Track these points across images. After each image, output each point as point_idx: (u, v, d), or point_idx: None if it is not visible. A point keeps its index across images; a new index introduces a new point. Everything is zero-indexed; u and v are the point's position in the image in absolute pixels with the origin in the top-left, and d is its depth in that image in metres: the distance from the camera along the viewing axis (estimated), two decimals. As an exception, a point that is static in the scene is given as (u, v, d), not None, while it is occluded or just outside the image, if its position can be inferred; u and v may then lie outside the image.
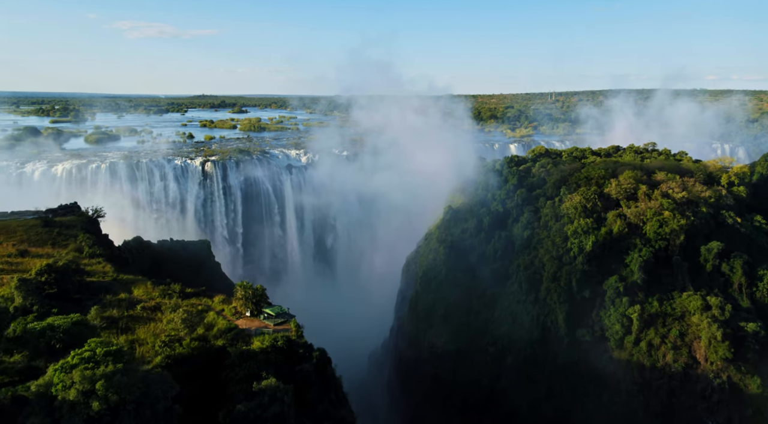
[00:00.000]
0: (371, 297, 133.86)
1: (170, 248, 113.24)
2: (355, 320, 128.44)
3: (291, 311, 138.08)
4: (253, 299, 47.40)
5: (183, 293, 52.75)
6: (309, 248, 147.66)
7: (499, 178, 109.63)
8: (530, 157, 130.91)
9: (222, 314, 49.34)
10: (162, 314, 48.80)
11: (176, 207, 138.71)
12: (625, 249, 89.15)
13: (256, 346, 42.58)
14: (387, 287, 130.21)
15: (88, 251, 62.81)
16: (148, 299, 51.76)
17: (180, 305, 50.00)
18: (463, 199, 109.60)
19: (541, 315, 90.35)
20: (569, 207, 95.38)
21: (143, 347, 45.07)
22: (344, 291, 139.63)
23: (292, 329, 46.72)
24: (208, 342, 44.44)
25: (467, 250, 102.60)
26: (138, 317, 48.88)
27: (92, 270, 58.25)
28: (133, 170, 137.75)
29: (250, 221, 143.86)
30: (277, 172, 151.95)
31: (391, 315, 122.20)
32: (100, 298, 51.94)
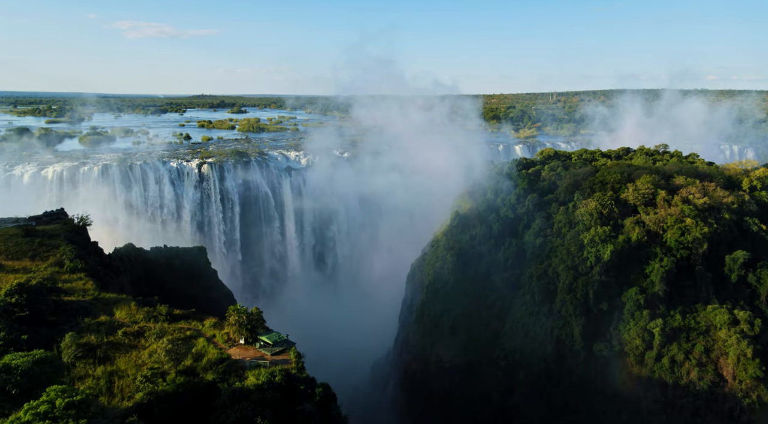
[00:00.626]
0: (374, 304, 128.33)
1: (164, 255, 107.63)
2: (358, 328, 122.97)
3: (291, 319, 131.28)
4: (248, 324, 41.77)
5: (170, 316, 47.08)
6: (309, 254, 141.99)
7: (508, 182, 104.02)
8: (539, 159, 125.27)
9: (213, 341, 43.70)
10: (146, 340, 43.13)
11: (172, 211, 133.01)
12: (645, 258, 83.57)
13: (251, 382, 36.96)
14: (390, 294, 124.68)
15: (69, 265, 57.13)
16: (130, 323, 46.11)
17: (166, 330, 44.35)
18: (470, 204, 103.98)
19: (555, 328, 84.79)
20: (584, 213, 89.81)
21: (123, 381, 39.51)
22: (346, 298, 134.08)
23: (292, 359, 41.10)
24: (197, 376, 38.80)
25: (476, 258, 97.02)
26: (119, 343, 43.26)
27: (71, 288, 52.57)
28: (126, 173, 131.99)
29: (249, 226, 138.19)
30: (276, 174, 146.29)
31: (395, 324, 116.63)
32: (78, 321, 46.32)
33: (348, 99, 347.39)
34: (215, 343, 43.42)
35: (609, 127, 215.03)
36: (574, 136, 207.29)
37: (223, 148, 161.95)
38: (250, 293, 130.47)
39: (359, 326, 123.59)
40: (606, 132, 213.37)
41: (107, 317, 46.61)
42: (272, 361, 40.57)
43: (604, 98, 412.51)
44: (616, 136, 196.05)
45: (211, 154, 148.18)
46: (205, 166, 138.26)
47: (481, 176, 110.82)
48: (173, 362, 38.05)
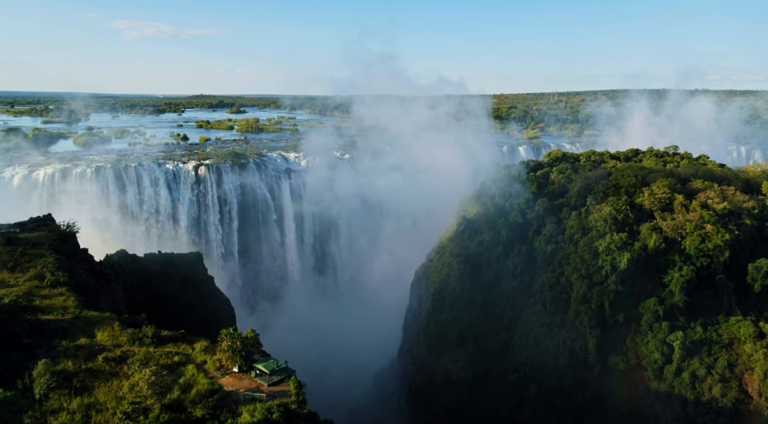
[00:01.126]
0: (376, 311, 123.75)
1: (159, 261, 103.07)
2: (360, 336, 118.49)
3: (291, 326, 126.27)
4: (242, 350, 37.14)
5: (157, 338, 42.46)
6: (309, 258, 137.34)
7: (517, 185, 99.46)
8: (547, 161, 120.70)
9: (204, 368, 39.10)
10: (129, 367, 38.50)
11: (167, 215, 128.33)
12: (663, 267, 79.07)
13: (245, 420, 32.39)
14: (393, 301, 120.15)
15: (50, 278, 52.49)
16: (113, 346, 41.52)
17: (152, 355, 39.76)
18: (478, 208, 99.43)
19: (568, 340, 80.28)
20: (598, 219, 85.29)
21: (101, 415, 34.93)
22: (347, 303, 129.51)
23: (292, 391, 36.48)
24: (184, 411, 34.23)
25: (484, 265, 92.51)
26: (98, 371, 38.69)
27: (50, 305, 47.94)
28: (121, 175, 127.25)
29: (247, 230, 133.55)
30: (275, 176, 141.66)
31: (398, 332, 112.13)
32: (55, 344, 41.72)
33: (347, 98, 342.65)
34: (206, 370, 38.82)
35: (614, 127, 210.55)
36: (579, 137, 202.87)
37: (221, 150, 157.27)
38: (248, 300, 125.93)
39: (361, 334, 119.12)
40: (610, 133, 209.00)
41: (87, 340, 42.01)
42: (269, 393, 35.97)
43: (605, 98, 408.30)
44: (621, 137, 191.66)
45: (208, 156, 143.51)
46: (202, 168, 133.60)
47: (489, 179, 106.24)
48: (157, 396, 33.43)
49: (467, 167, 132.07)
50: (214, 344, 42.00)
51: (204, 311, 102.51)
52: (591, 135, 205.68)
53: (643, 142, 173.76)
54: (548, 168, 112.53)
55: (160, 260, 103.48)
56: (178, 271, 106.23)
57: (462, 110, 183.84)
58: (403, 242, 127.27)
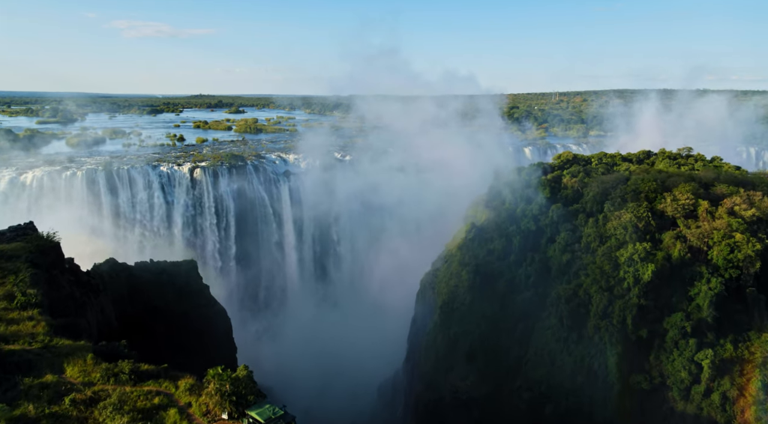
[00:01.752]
0: (380, 319, 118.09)
1: (151, 270, 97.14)
2: (362, 345, 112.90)
3: (290, 335, 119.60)
4: (232, 395, 31.25)
5: (135, 374, 36.52)
6: (309, 264, 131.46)
7: (529, 190, 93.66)
8: (557, 164, 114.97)
9: (188, 413, 33.20)
10: (100, 412, 32.64)
11: (161, 220, 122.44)
12: (689, 279, 73.29)
13: (234, 486, 26.50)
14: (397, 308, 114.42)
15: (20, 299, 46.64)
16: (83, 384, 35.62)
17: (128, 396, 33.95)
18: (487, 214, 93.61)
19: (586, 357, 74.53)
20: (617, 227, 79.50)
21: (64, 475, 29.10)
22: (349, 312, 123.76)
23: (291, 445, 30.53)
24: (162, 471, 28.33)
25: (495, 275, 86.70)
26: (65, 416, 32.83)
27: (17, 331, 42.09)
28: (113, 178, 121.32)
29: (244, 235, 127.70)
30: (274, 179, 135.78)
31: (403, 342, 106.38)
32: (17, 381, 35.82)
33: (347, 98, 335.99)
34: (190, 416, 32.95)
35: (620, 128, 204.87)
36: (585, 137, 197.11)
37: (218, 151, 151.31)
38: (246, 308, 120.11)
39: (363, 343, 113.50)
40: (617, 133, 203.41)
41: (54, 377, 36.15)
42: (264, 447, 30.08)
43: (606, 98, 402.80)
44: (628, 137, 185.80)
45: (204, 158, 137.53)
46: (198, 170, 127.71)
47: (499, 183, 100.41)
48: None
49: (475, 170, 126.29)
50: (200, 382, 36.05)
51: (199, 322, 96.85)
52: (597, 136, 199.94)
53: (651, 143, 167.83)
54: (559, 171, 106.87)
55: (152, 268, 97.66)
56: (171, 280, 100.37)
57: (471, 109, 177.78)
58: (406, 248, 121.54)
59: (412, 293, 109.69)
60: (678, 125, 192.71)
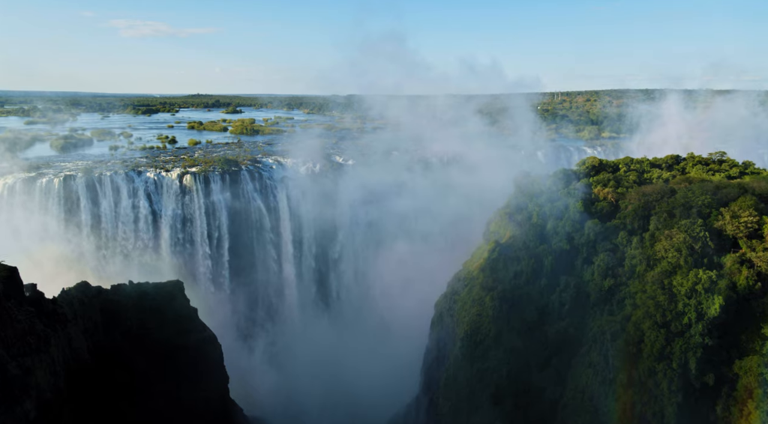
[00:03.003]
0: (388, 343, 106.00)
1: (130, 293, 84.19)
2: (368, 372, 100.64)
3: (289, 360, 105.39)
4: None
5: None
6: (310, 280, 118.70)
7: (559, 202, 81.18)
8: (582, 170, 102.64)
9: None
10: None
11: (147, 231, 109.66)
12: (760, 313, 60.97)
13: None
14: (407, 332, 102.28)
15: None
16: None
17: None
18: (512, 230, 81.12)
19: (638, 404, 62.17)
20: (668, 248, 67.04)
21: None
22: (354, 334, 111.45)
23: None
24: None
25: (523, 302, 74.21)
26: None
27: None
28: (93, 186, 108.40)
29: (239, 247, 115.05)
30: (271, 185, 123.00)
31: (415, 371, 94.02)
32: None
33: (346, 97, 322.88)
34: None
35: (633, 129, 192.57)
36: (597, 139, 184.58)
37: (211, 154, 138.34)
38: (239, 331, 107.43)
39: (370, 370, 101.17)
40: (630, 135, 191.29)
41: None
42: None
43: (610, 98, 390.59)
44: (644, 140, 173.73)
45: (195, 162, 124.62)
46: (188, 176, 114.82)
47: (520, 193, 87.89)
48: None
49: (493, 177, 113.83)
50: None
51: (186, 350, 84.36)
52: (610, 137, 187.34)
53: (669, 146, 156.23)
54: (586, 180, 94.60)
55: (131, 292, 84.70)
56: (153, 304, 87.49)
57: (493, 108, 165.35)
58: (416, 263, 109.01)
59: (423, 312, 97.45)
60: (695, 126, 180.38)
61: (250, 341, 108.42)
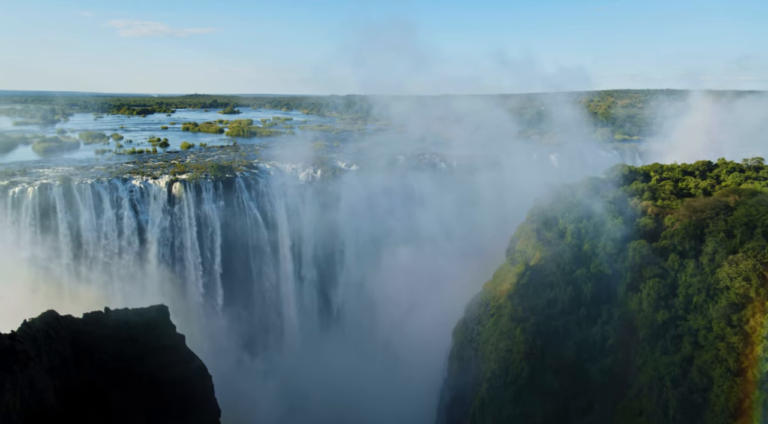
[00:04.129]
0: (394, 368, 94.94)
1: (105, 323, 72.40)
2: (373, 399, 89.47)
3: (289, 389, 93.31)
4: None
5: None
6: (310, 298, 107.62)
7: (597, 217, 70.33)
8: (611, 178, 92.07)
9: None
10: None
11: (132, 245, 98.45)
12: None
13: None
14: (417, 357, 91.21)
15: None
16: None
17: None
18: (542, 249, 70.20)
19: (706, 465, 51.47)
20: (734, 276, 56.32)
21: None
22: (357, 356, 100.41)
23: None
24: None
25: (559, 335, 63.39)
26: None
27: None
28: (72, 195, 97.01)
29: (233, 262, 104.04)
30: (268, 194, 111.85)
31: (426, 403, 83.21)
32: None
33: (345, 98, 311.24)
34: None
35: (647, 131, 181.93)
36: (611, 142, 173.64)
37: (204, 159, 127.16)
38: (234, 354, 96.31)
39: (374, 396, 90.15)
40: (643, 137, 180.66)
41: None
42: None
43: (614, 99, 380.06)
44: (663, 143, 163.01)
45: (186, 168, 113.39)
46: (177, 185, 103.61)
47: (548, 206, 76.97)
48: None
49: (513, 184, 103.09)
50: None
51: (171, 384, 72.77)
52: (624, 140, 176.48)
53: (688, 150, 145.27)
54: (616, 189, 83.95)
55: (107, 320, 72.90)
56: (134, 333, 75.56)
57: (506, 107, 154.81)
58: (428, 281, 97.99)
59: (436, 337, 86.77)
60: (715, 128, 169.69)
61: (245, 365, 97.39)
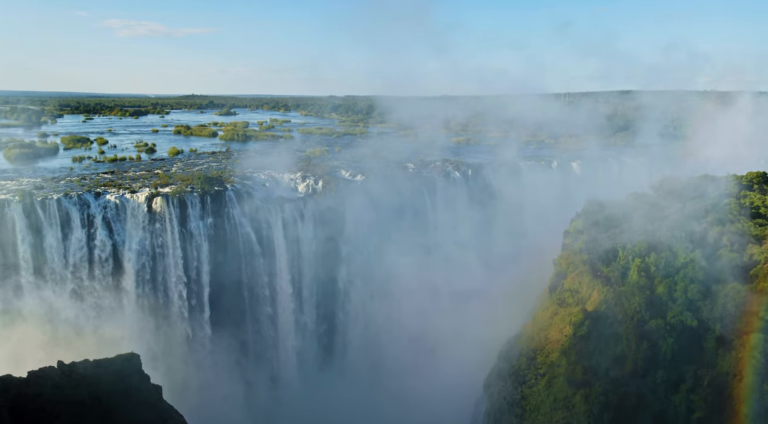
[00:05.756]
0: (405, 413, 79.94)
1: (56, 382, 57.47)
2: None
3: None
4: None
5: None
6: (311, 333, 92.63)
7: (663, 251, 55.57)
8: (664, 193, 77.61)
9: None
10: None
11: (105, 271, 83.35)
12: None
13: None
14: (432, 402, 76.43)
15: None
16: None
17: None
18: (601, 290, 55.47)
19: None
20: None
21: None
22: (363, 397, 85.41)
23: None
24: None
25: (631, 405, 48.69)
26: None
27: None
28: (35, 213, 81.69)
29: (223, 289, 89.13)
30: (263, 209, 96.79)
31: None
32: None
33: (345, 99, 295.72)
34: None
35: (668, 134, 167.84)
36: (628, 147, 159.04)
37: (192, 168, 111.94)
38: (224, 402, 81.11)
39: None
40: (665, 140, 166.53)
41: None
42: None
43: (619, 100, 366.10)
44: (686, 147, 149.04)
45: (170, 180, 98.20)
46: (158, 199, 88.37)
47: (599, 231, 62.21)
48: None
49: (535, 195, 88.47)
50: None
51: (143, 452, 58.08)
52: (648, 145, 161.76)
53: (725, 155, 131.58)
54: (681, 210, 69.41)
55: (60, 379, 57.45)
56: (96, 392, 59.88)
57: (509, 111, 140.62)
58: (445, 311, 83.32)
59: (459, 381, 72.12)
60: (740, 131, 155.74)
61: (236, 412, 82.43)
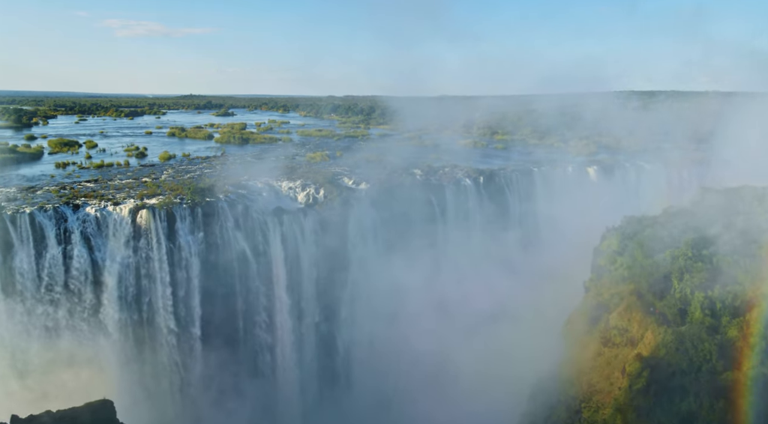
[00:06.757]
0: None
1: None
2: None
3: None
4: None
5: None
6: (311, 359, 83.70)
7: (728, 285, 46.67)
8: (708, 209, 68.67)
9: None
10: None
11: (84, 292, 74.34)
12: None
13: None
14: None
15: None
16: None
17: None
18: (654, 327, 46.60)
19: None
20: None
21: None
22: None
23: None
24: None
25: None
26: None
27: None
28: (5, 227, 72.62)
29: (215, 311, 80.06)
30: (260, 221, 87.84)
31: None
32: None
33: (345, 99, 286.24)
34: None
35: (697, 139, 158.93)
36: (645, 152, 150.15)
37: (183, 176, 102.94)
38: None
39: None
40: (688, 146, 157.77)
41: None
42: None
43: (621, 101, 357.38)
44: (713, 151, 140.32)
45: (158, 189, 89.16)
46: (144, 212, 79.33)
47: (645, 257, 53.27)
48: None
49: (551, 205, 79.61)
50: None
51: None
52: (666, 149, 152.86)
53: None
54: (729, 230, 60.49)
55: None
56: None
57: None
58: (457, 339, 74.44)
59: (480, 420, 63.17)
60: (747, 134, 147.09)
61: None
